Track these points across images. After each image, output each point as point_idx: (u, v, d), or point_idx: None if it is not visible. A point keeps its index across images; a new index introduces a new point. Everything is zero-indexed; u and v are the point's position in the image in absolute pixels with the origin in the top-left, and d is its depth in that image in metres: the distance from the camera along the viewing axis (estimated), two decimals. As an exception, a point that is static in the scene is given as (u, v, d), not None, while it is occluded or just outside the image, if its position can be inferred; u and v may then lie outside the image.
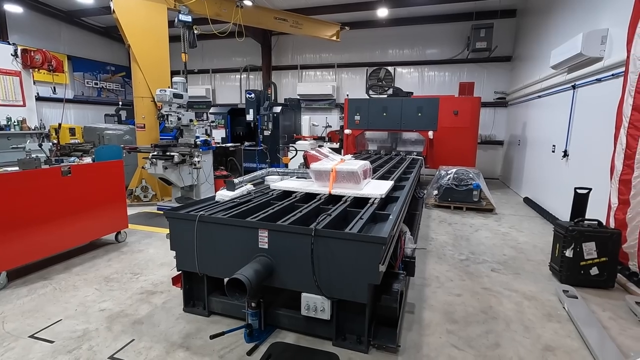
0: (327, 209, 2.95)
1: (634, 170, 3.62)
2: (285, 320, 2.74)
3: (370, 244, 2.28)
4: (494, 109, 10.93)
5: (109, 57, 13.37)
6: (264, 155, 8.78)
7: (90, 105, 12.71)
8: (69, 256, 4.20)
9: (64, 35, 11.72)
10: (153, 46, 6.90)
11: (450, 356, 2.51)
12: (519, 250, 4.73)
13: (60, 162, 4.26)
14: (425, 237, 5.19)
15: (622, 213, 3.76)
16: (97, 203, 4.33)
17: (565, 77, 5.98)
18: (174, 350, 2.53)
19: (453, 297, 3.39)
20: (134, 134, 7.75)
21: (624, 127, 3.79)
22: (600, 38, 4.79)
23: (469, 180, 6.85)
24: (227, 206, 3.08)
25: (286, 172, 4.26)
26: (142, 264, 4.07)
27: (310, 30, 9.82)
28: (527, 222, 6.12)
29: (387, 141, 9.92)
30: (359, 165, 3.45)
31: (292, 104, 11.41)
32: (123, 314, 3.01)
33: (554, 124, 6.47)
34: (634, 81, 3.67)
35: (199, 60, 13.38)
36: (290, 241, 2.47)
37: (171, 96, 5.96)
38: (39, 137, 8.01)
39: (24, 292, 3.36)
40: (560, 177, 5.99)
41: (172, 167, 6.01)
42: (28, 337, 2.66)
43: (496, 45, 10.10)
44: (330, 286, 2.41)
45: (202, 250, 2.77)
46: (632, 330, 2.89)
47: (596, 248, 3.53)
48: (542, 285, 3.67)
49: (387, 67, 11.74)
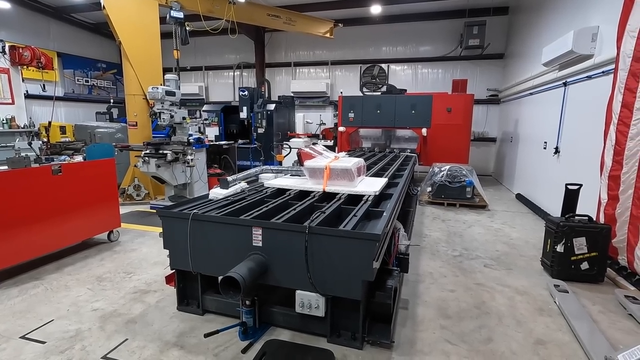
0: (321, 207, 2.96)
1: (623, 167, 3.67)
2: (279, 318, 2.74)
3: (364, 241, 2.29)
4: (487, 106, 11.01)
5: (99, 54, 13.18)
6: (257, 153, 8.75)
7: (81, 103, 12.53)
8: (60, 256, 4.15)
9: (53, 32, 11.51)
10: (145, 43, 6.82)
11: (444, 351, 2.54)
12: (511, 246, 4.78)
13: (51, 160, 4.21)
14: (419, 234, 5.22)
15: (611, 208, 3.82)
16: (88, 202, 4.28)
17: (556, 75, 6.04)
18: (168, 349, 2.52)
19: (446, 292, 3.42)
20: (125, 132, 7.67)
21: (614, 123, 3.84)
22: (591, 35, 4.84)
23: (462, 177, 6.90)
24: (221, 204, 3.07)
25: (280, 169, 4.25)
26: (135, 263, 4.04)
27: (304, 27, 9.78)
28: (520, 218, 6.18)
29: (381, 138, 9.94)
30: (352, 163, 3.45)
31: (286, 102, 11.36)
32: (116, 313, 2.99)
33: (546, 121, 6.54)
34: (624, 78, 3.71)
35: (192, 58, 13.25)
36: (284, 239, 2.47)
37: (163, 94, 5.90)
38: (28, 135, 7.89)
39: (15, 293, 3.32)
40: (552, 174, 6.06)
41: (165, 165, 5.95)
42: (19, 338, 2.63)
43: (489, 43, 10.17)
44: (324, 283, 2.42)
45: (195, 249, 2.75)
46: (621, 323, 2.94)
47: (586, 243, 3.58)
48: (533, 280, 3.72)
49: (381, 64, 11.75)
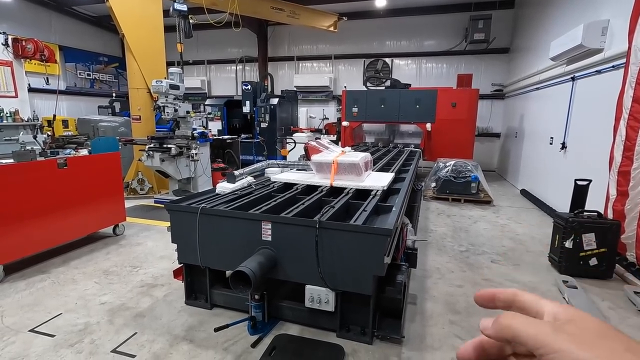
0: (329, 201, 2.93)
1: (633, 162, 3.64)
2: (289, 313, 2.74)
3: (375, 236, 2.27)
4: (491, 101, 10.93)
5: (101, 47, 13.10)
6: (261, 148, 8.72)
7: (83, 97, 12.50)
8: (67, 249, 4.15)
9: (54, 25, 11.44)
10: (148, 36, 6.77)
11: (454, 346, 2.53)
12: (517, 241, 4.76)
13: (56, 154, 4.18)
14: (424, 229, 5.20)
15: (620, 204, 3.79)
16: (94, 196, 4.26)
17: (564, 69, 5.97)
18: (178, 343, 2.52)
19: (454, 288, 3.41)
20: (129, 126, 7.63)
21: (624, 118, 3.79)
22: (601, 29, 4.77)
23: (468, 173, 6.86)
24: (229, 198, 3.05)
25: (286, 164, 4.23)
26: (141, 257, 4.03)
27: (308, 20, 9.68)
28: (525, 213, 6.16)
29: (385, 133, 9.89)
30: (360, 157, 3.42)
31: (289, 96, 11.29)
32: (124, 307, 2.99)
33: (552, 116, 6.48)
34: (635, 72, 3.66)
35: (194, 51, 13.17)
36: (294, 233, 2.45)
37: (167, 87, 5.87)
38: (32, 129, 7.86)
39: (22, 286, 3.32)
40: (558, 169, 6.02)
41: (169, 159, 5.94)
42: (28, 332, 2.63)
43: (494, 37, 10.06)
44: (334, 278, 2.41)
45: (204, 243, 2.74)
46: (632, 319, 2.93)
47: (596, 239, 3.56)
48: (541, 276, 3.70)
49: (385, 58, 11.66)
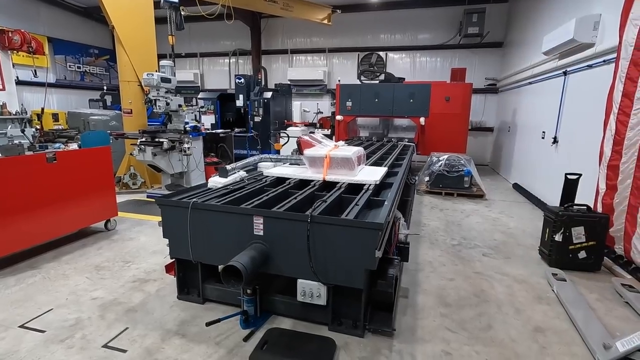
0: (322, 196, 2.93)
1: (622, 156, 3.68)
2: (281, 307, 2.75)
3: (367, 230, 2.28)
4: (485, 95, 10.96)
5: (91, 39, 12.86)
6: (254, 142, 8.67)
7: (73, 90, 12.29)
8: (57, 245, 4.11)
9: (42, 16, 11.19)
10: (138, 27, 6.65)
11: (444, 339, 2.56)
12: (509, 235, 4.81)
13: (45, 148, 4.12)
14: (417, 223, 5.24)
15: (609, 198, 3.84)
16: (84, 190, 4.22)
17: (556, 64, 6.00)
18: (170, 337, 2.52)
19: (446, 281, 3.44)
20: (120, 120, 7.54)
21: (614, 113, 3.83)
22: (593, 24, 4.79)
23: (460, 167, 6.90)
24: (221, 193, 3.03)
25: (279, 158, 4.21)
26: (133, 252, 4.01)
27: (301, 12, 9.59)
28: (517, 207, 6.22)
29: (379, 128, 9.89)
30: (353, 152, 3.42)
31: (282, 90, 11.22)
32: (116, 302, 2.97)
33: (545, 110, 6.52)
34: (625, 67, 3.69)
35: (186, 44, 12.99)
36: (286, 228, 2.45)
37: (159, 80, 5.79)
38: (20, 122, 7.71)
39: (12, 282, 3.28)
40: (550, 163, 6.08)
41: (162, 153, 5.88)
42: (18, 327, 2.61)
43: (488, 31, 10.06)
44: (326, 272, 2.41)
45: (196, 238, 2.73)
46: (618, 311, 2.99)
47: (585, 232, 3.61)
48: (532, 269, 3.76)
49: (379, 52, 11.56)
